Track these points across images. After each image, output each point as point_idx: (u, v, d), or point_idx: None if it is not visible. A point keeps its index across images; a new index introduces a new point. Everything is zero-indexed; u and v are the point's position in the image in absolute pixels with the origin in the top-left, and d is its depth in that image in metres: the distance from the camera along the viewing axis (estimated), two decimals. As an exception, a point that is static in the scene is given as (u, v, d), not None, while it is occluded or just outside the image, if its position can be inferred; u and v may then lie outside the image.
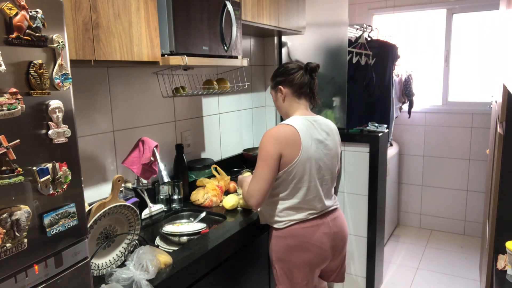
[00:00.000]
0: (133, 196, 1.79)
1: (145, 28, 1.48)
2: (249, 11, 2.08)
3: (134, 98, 1.91)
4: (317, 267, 1.68)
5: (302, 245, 1.63)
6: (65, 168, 0.94)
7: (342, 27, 2.72)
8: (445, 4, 3.67)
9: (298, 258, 1.64)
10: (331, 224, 1.68)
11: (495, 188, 1.81)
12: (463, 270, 3.23)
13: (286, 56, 2.95)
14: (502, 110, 1.81)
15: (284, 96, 1.68)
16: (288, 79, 1.67)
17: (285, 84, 1.68)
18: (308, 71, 1.68)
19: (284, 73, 1.68)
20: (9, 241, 0.82)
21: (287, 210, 1.63)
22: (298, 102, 1.69)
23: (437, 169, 3.92)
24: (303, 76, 1.66)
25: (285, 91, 1.68)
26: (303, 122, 1.62)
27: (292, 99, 1.69)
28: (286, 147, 1.55)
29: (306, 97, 1.70)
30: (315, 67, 1.69)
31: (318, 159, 1.62)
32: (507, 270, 1.54)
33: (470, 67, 3.75)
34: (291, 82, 1.67)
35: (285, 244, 1.64)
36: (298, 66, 1.69)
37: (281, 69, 1.71)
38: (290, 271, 1.66)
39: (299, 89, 1.67)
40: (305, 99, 1.70)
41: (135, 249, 1.34)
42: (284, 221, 1.64)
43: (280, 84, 1.68)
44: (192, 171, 2.17)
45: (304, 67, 1.69)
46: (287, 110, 1.71)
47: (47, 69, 0.90)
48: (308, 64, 1.68)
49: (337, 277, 1.82)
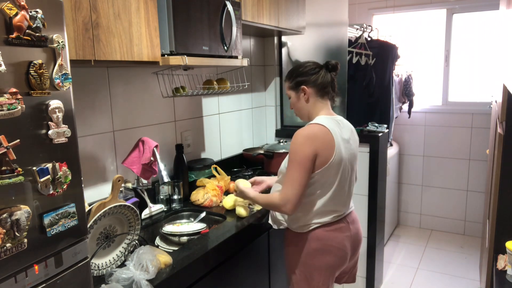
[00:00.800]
0: (133, 196, 1.79)
1: (145, 28, 1.48)
2: (249, 11, 2.08)
3: (134, 98, 1.91)
4: (337, 270, 1.67)
5: (325, 248, 1.60)
6: (65, 168, 0.94)
7: (342, 27, 2.72)
8: (445, 4, 3.67)
9: (321, 262, 1.61)
10: (351, 226, 1.66)
11: (495, 188, 1.81)
12: (463, 270, 3.23)
13: (286, 56, 2.95)
14: (502, 110, 1.81)
15: (307, 96, 1.63)
16: (311, 79, 1.62)
17: (308, 84, 1.62)
18: (329, 69, 1.64)
19: (305, 72, 1.63)
20: (9, 241, 0.82)
21: (315, 212, 1.59)
22: (322, 102, 1.65)
23: (437, 169, 3.92)
24: (325, 75, 1.63)
25: (309, 91, 1.62)
26: (332, 122, 1.58)
27: (316, 99, 1.64)
28: (322, 147, 1.51)
29: (329, 96, 1.66)
30: (336, 65, 1.65)
31: (347, 159, 1.60)
32: (507, 270, 1.54)
33: (470, 67, 3.75)
34: (315, 82, 1.62)
35: (308, 247, 1.60)
36: (318, 65, 1.65)
37: (301, 68, 1.65)
38: (311, 274, 1.62)
39: (323, 88, 1.63)
40: (328, 99, 1.66)
41: (135, 249, 1.34)
42: (309, 224, 1.60)
43: (303, 84, 1.63)
44: (192, 171, 2.17)
45: (324, 65, 1.65)
46: (310, 111, 1.66)
47: (47, 69, 0.90)
48: (328, 62, 1.65)
49: (349, 278, 1.81)
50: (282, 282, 2.08)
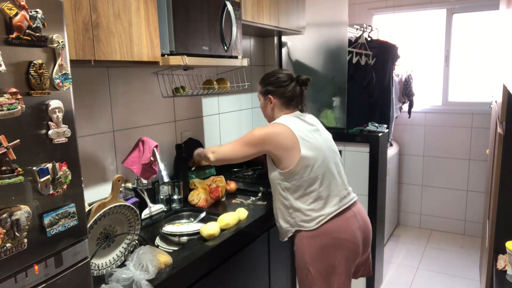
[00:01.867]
0: (133, 196, 1.79)
1: (145, 28, 1.48)
2: (249, 11, 2.08)
3: (134, 98, 1.91)
4: (352, 263, 1.68)
5: (337, 242, 1.62)
6: (65, 168, 0.94)
7: (342, 27, 2.72)
8: (445, 4, 3.66)
9: (334, 256, 1.62)
10: (358, 216, 1.69)
11: (495, 188, 1.81)
12: (463, 270, 3.23)
13: (286, 56, 2.95)
14: (502, 110, 1.81)
15: (273, 105, 1.73)
16: (279, 91, 1.71)
17: (275, 95, 1.71)
18: (299, 83, 1.72)
19: (275, 83, 1.71)
20: (9, 241, 0.82)
21: (313, 204, 1.62)
22: (286, 112, 1.73)
23: (437, 169, 3.92)
24: (294, 88, 1.71)
25: (275, 101, 1.72)
26: (291, 119, 1.67)
27: (280, 109, 1.73)
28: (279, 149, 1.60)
29: (297, 107, 1.75)
30: (306, 81, 1.73)
31: (325, 146, 1.66)
32: (507, 270, 1.54)
33: (470, 67, 3.74)
34: (282, 94, 1.71)
35: (319, 243, 1.62)
36: (290, 77, 1.72)
37: (272, 78, 1.73)
38: (326, 271, 1.63)
39: (290, 101, 1.72)
40: (294, 109, 1.74)
41: (135, 249, 1.34)
42: (315, 219, 1.62)
43: (270, 94, 1.72)
44: (192, 171, 2.17)
45: (295, 79, 1.72)
46: (274, 118, 1.75)
47: (47, 69, 0.90)
48: (299, 77, 1.73)
49: (364, 271, 1.82)
50: (282, 282, 2.09)
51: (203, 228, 1.60)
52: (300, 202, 1.63)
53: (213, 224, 1.62)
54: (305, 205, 1.62)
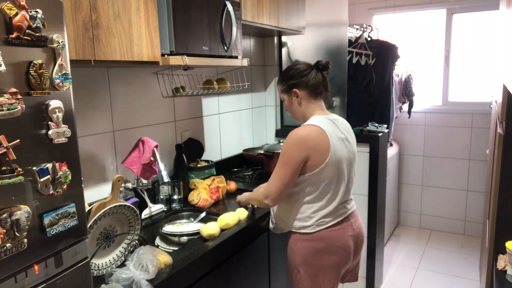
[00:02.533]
0: (133, 196, 1.79)
1: (145, 28, 1.48)
2: (249, 11, 2.08)
3: (134, 98, 1.91)
4: (342, 270, 1.67)
5: (330, 248, 1.60)
6: (65, 168, 0.94)
7: (342, 27, 2.72)
8: (445, 4, 3.66)
9: (326, 261, 1.60)
10: (354, 225, 1.67)
11: (495, 188, 1.81)
12: (463, 270, 3.23)
13: (286, 56, 2.95)
14: (502, 110, 1.81)
15: (300, 99, 1.63)
16: (303, 81, 1.61)
17: (300, 86, 1.62)
18: (320, 69, 1.63)
19: (296, 75, 1.62)
20: (9, 241, 0.82)
21: (315, 213, 1.59)
22: (315, 103, 1.64)
23: (437, 169, 3.92)
24: (316, 75, 1.62)
25: (301, 93, 1.62)
26: (326, 122, 1.58)
27: (308, 101, 1.63)
28: (314, 151, 1.51)
29: (322, 96, 1.66)
30: (327, 64, 1.63)
31: (345, 158, 1.60)
32: (507, 270, 1.54)
33: (470, 67, 3.74)
34: (307, 84, 1.61)
35: (312, 247, 1.60)
36: (309, 65, 1.64)
37: (291, 71, 1.64)
38: (315, 274, 1.61)
39: (315, 89, 1.62)
40: (321, 99, 1.66)
41: (135, 249, 1.34)
42: (313, 225, 1.59)
43: (295, 87, 1.62)
44: (192, 171, 2.17)
45: (315, 65, 1.64)
46: (304, 113, 1.65)
47: (47, 69, 0.90)
48: (318, 62, 1.64)
49: (351, 277, 1.81)
50: (282, 282, 2.08)
51: (203, 228, 1.60)
52: (305, 207, 1.60)
53: (213, 224, 1.62)
54: (309, 211, 1.60)
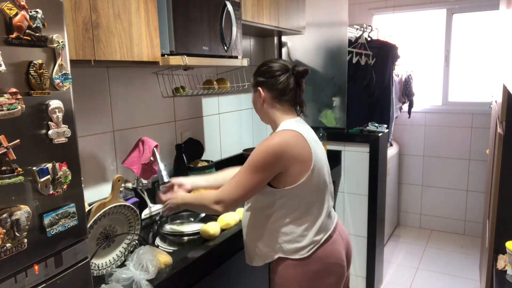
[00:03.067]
0: (133, 196, 1.79)
1: (145, 28, 1.48)
2: (249, 11, 2.08)
3: (134, 98, 1.91)
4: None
5: (326, 268, 1.41)
6: (65, 168, 0.94)
7: (342, 27, 2.72)
8: (445, 4, 3.67)
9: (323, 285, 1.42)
10: (342, 235, 1.52)
11: (495, 188, 1.81)
12: (463, 270, 3.23)
13: (286, 56, 2.96)
14: (502, 110, 1.81)
15: (262, 100, 1.46)
16: (270, 82, 1.44)
17: (264, 87, 1.45)
18: (294, 75, 1.44)
19: (266, 73, 1.45)
20: (9, 241, 0.82)
21: (307, 231, 1.39)
22: (279, 108, 1.46)
23: (437, 169, 3.92)
24: (288, 80, 1.43)
25: (264, 95, 1.45)
26: (299, 125, 1.43)
27: (272, 105, 1.46)
28: (295, 162, 1.35)
29: (290, 103, 1.47)
30: (303, 72, 1.44)
31: (324, 161, 1.46)
32: (507, 270, 1.54)
33: (470, 67, 3.75)
34: (273, 86, 1.44)
35: (306, 271, 1.39)
36: (284, 67, 1.44)
37: (264, 67, 1.47)
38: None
39: (281, 94, 1.44)
40: (289, 105, 1.48)
41: (135, 249, 1.34)
42: (308, 246, 1.39)
43: (260, 86, 1.46)
44: (192, 171, 2.17)
45: (290, 69, 1.44)
46: (270, 117, 1.49)
47: (47, 69, 0.90)
48: (294, 67, 1.44)
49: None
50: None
51: (203, 228, 1.60)
52: (293, 226, 1.39)
53: (213, 224, 1.62)
54: (299, 229, 1.39)
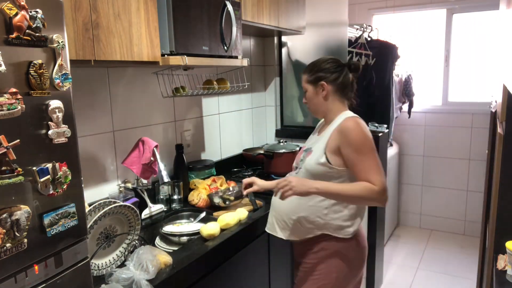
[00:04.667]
0: (133, 196, 1.79)
1: (145, 28, 1.48)
2: (249, 11, 2.08)
3: (134, 98, 1.91)
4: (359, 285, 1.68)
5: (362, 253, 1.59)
6: (65, 168, 0.94)
7: (342, 27, 2.72)
8: (445, 4, 3.66)
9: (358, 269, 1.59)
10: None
11: (495, 188, 1.81)
12: (463, 270, 3.23)
13: (286, 56, 2.95)
14: (502, 110, 1.81)
15: (326, 93, 1.57)
16: (332, 77, 1.57)
17: (328, 81, 1.57)
18: (351, 69, 1.60)
19: (327, 69, 1.58)
20: (9, 241, 0.82)
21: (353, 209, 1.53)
22: (340, 101, 1.60)
23: (437, 169, 3.92)
24: (347, 74, 1.59)
25: (328, 88, 1.57)
26: None
27: (334, 98, 1.59)
28: None
29: (347, 96, 1.62)
30: (358, 66, 1.61)
31: None
32: (507, 270, 1.54)
33: (470, 67, 3.74)
34: (335, 80, 1.57)
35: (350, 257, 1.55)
36: (341, 63, 1.60)
37: (323, 63, 1.59)
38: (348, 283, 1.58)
39: (343, 88, 1.59)
40: (346, 99, 1.62)
41: (135, 249, 1.34)
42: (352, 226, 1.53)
43: (323, 80, 1.57)
44: (192, 171, 2.17)
45: (347, 65, 1.61)
46: (328, 108, 1.60)
47: (47, 69, 0.90)
48: (350, 62, 1.62)
49: None
50: (282, 282, 2.08)
51: (203, 228, 1.60)
52: (342, 206, 1.52)
53: (213, 224, 1.62)
54: (346, 208, 1.53)
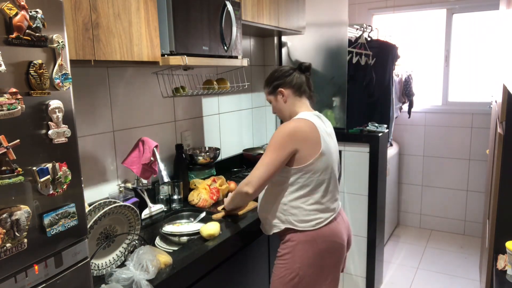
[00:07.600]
0: (133, 196, 1.79)
1: (145, 28, 1.48)
2: (249, 11, 2.08)
3: (134, 98, 1.91)
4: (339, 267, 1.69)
5: (331, 246, 1.62)
6: (65, 168, 0.94)
7: (342, 27, 2.72)
8: (445, 4, 3.67)
9: (326, 262, 1.62)
10: (344, 218, 1.72)
11: (495, 188, 1.81)
12: (463, 270, 3.23)
13: (286, 56, 2.95)
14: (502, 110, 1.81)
15: (286, 97, 1.70)
16: (287, 81, 1.70)
17: (284, 86, 1.70)
18: (303, 70, 1.73)
19: (280, 76, 1.71)
20: (9, 241, 0.82)
21: (314, 205, 1.60)
22: (300, 100, 1.72)
23: (437, 169, 3.92)
24: (300, 75, 1.72)
25: (286, 92, 1.70)
26: (314, 117, 1.65)
27: (294, 99, 1.71)
28: (305, 143, 1.56)
29: (306, 95, 1.74)
30: (308, 66, 1.75)
31: (334, 152, 1.67)
32: (507, 270, 1.54)
33: (470, 67, 3.74)
34: (291, 83, 1.70)
35: (314, 249, 1.59)
36: (292, 67, 1.74)
37: (275, 73, 1.74)
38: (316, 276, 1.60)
39: (299, 88, 1.71)
40: (306, 97, 1.74)
41: (135, 249, 1.34)
42: (313, 220, 1.59)
43: (280, 87, 1.70)
44: (192, 171, 2.17)
45: (298, 67, 1.74)
46: (290, 110, 1.72)
47: (47, 69, 0.90)
48: (301, 64, 1.74)
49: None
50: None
51: (203, 228, 1.60)
52: (300, 201, 1.60)
53: (213, 224, 1.62)
54: (305, 205, 1.59)
